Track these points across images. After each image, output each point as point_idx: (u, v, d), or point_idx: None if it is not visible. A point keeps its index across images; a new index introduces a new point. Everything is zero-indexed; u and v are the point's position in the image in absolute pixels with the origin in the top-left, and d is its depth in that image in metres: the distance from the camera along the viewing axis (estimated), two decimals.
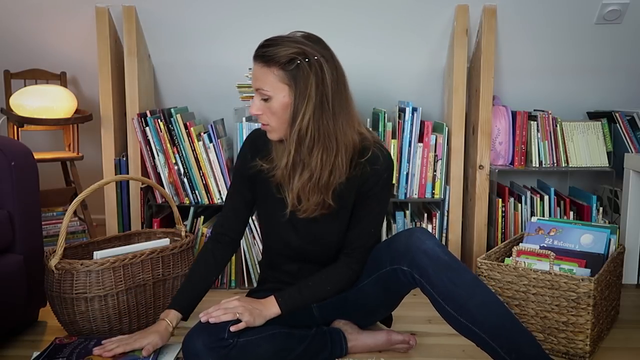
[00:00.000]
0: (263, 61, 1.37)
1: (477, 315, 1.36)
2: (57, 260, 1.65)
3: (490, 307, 1.37)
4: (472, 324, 1.36)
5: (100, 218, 2.37)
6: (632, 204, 2.14)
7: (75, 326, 1.69)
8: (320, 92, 1.37)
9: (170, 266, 1.81)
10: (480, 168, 2.25)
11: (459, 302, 1.37)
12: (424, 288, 1.42)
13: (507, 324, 1.36)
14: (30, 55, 2.44)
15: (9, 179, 1.66)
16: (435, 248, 1.42)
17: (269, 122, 1.42)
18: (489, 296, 1.39)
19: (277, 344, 1.46)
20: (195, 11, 2.28)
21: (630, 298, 2.08)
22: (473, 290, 1.38)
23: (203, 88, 2.50)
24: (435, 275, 1.39)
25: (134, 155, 2.26)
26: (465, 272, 1.41)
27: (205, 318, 1.40)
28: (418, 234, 1.46)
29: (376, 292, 1.55)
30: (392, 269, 1.47)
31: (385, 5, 2.25)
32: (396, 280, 1.48)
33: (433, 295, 1.40)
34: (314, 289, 1.51)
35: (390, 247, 1.49)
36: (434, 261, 1.40)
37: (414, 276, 1.42)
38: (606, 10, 2.24)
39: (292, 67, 1.35)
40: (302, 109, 1.36)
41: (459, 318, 1.37)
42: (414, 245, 1.43)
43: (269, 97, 1.39)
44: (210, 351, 1.37)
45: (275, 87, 1.37)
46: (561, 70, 2.47)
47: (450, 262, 1.41)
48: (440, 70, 2.42)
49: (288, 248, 1.57)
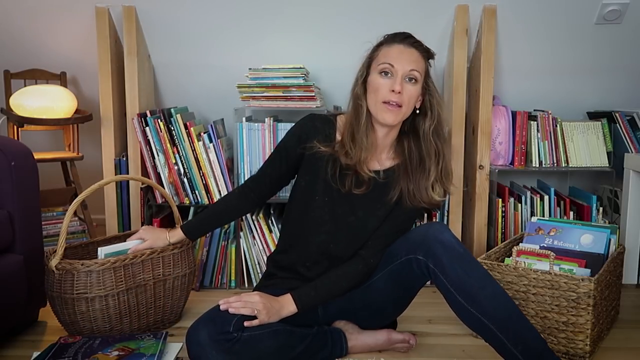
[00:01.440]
0: (417, 49, 1.51)
1: (487, 306, 1.39)
2: (58, 260, 1.65)
3: (500, 300, 1.41)
4: (482, 315, 1.39)
5: (100, 218, 2.37)
6: (632, 204, 2.14)
7: (75, 326, 1.69)
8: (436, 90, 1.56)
9: (170, 266, 1.81)
10: (480, 168, 2.25)
11: (470, 292, 1.40)
12: (437, 278, 1.44)
13: (514, 318, 1.40)
14: (30, 55, 2.44)
15: (9, 179, 1.66)
16: (451, 240, 1.46)
17: (402, 103, 1.48)
18: (498, 289, 1.42)
19: (280, 341, 1.48)
20: (195, 11, 2.28)
21: (630, 298, 2.08)
22: (484, 283, 1.42)
23: (203, 88, 2.50)
24: (449, 265, 1.42)
25: (134, 155, 2.26)
26: (478, 265, 1.45)
27: (225, 307, 1.45)
28: (437, 226, 1.51)
29: (387, 288, 1.56)
30: (407, 259, 1.49)
31: (385, 5, 2.25)
32: (409, 271, 1.50)
33: (445, 285, 1.42)
34: (330, 286, 1.53)
35: (407, 238, 1.53)
36: (449, 252, 1.44)
37: (429, 266, 1.45)
38: (606, 10, 2.24)
39: (429, 68, 1.54)
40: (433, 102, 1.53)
41: (470, 309, 1.40)
42: (432, 236, 1.47)
43: (417, 80, 1.49)
44: (214, 343, 1.39)
45: (421, 75, 1.51)
46: (561, 70, 2.47)
47: (464, 255, 1.45)
48: (440, 70, 2.41)
49: (316, 235, 1.58)
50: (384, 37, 1.54)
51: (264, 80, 2.17)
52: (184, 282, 1.86)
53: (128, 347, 1.58)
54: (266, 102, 2.18)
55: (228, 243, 2.21)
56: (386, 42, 1.52)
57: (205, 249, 2.20)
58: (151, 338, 1.64)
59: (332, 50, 2.36)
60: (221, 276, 2.22)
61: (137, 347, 1.59)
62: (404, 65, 1.47)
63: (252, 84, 2.18)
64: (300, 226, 1.62)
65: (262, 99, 2.18)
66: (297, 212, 1.64)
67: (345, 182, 1.54)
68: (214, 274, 2.22)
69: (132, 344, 1.60)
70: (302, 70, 2.17)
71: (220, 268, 2.22)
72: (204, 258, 2.20)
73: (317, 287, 1.52)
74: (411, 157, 1.55)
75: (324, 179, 1.56)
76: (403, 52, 1.49)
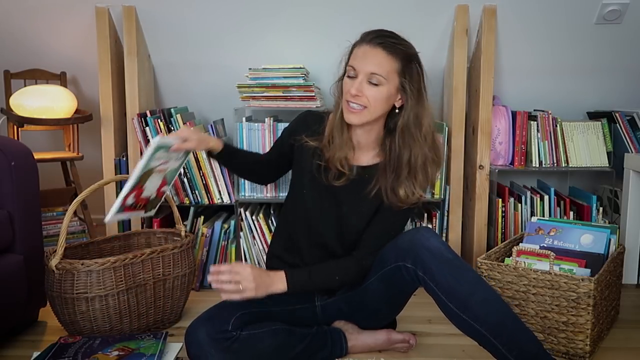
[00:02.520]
0: (386, 48, 1.45)
1: (479, 312, 1.37)
2: (58, 260, 1.65)
3: (492, 305, 1.39)
4: (474, 321, 1.37)
5: (100, 218, 2.36)
6: (632, 204, 2.14)
7: (75, 326, 1.69)
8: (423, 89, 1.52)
9: (170, 266, 1.81)
10: (480, 168, 2.25)
11: (461, 299, 1.38)
12: (427, 285, 1.43)
13: (508, 322, 1.38)
14: (30, 55, 2.44)
15: (9, 179, 1.66)
16: (439, 246, 1.44)
17: (367, 105, 1.47)
18: (491, 294, 1.41)
19: (279, 340, 1.48)
20: (195, 11, 2.28)
21: (630, 298, 2.08)
22: (475, 288, 1.40)
23: (203, 88, 2.50)
24: (438, 272, 1.41)
25: (134, 155, 2.26)
26: (467, 270, 1.43)
27: (212, 278, 1.41)
28: (423, 232, 1.49)
29: (380, 291, 1.55)
30: (397, 266, 1.48)
31: (385, 5, 2.25)
32: (400, 277, 1.49)
33: (436, 292, 1.41)
34: (323, 276, 1.52)
35: (396, 244, 1.51)
36: (437, 258, 1.42)
37: (418, 273, 1.43)
38: (606, 10, 2.24)
39: (409, 65, 1.48)
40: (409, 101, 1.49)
41: (462, 315, 1.38)
42: (418, 243, 1.45)
43: (380, 83, 1.46)
44: (213, 342, 1.39)
45: (390, 76, 1.46)
46: (561, 70, 2.47)
47: (453, 260, 1.43)
48: (440, 70, 2.42)
49: (307, 228, 1.60)
50: (360, 36, 1.52)
51: (264, 80, 2.17)
52: (184, 282, 1.86)
53: (128, 347, 1.58)
54: (266, 102, 2.18)
55: (228, 243, 2.22)
56: (358, 42, 1.51)
57: (205, 249, 2.20)
58: (151, 338, 1.65)
59: (332, 50, 2.34)
60: None
61: (137, 347, 1.59)
62: (365, 68, 1.46)
63: (252, 84, 2.18)
64: (293, 219, 1.64)
65: (262, 99, 2.18)
66: (289, 206, 1.68)
67: (328, 175, 1.55)
68: None
69: (132, 344, 1.60)
70: (302, 70, 2.17)
71: None
72: (204, 258, 2.20)
73: (311, 272, 1.51)
74: (391, 155, 1.54)
75: (309, 171, 1.59)
76: (367, 54, 1.47)
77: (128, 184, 1.51)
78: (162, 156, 1.54)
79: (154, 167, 1.55)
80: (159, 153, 1.52)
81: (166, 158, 1.56)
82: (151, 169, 1.54)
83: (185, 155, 1.65)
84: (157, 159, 1.53)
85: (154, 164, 1.54)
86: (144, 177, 1.54)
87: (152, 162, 1.52)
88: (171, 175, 1.67)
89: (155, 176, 1.59)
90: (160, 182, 1.64)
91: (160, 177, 1.62)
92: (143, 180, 1.55)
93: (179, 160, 1.65)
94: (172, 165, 1.63)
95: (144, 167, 1.51)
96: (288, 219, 1.68)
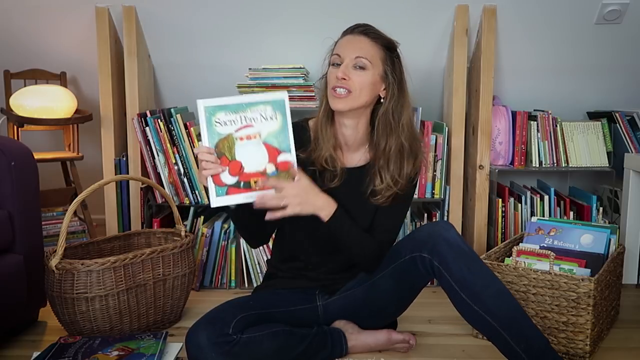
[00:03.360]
0: (368, 36, 1.48)
1: (491, 304, 1.39)
2: (58, 260, 1.65)
3: (504, 299, 1.41)
4: (485, 313, 1.39)
5: (100, 218, 2.37)
6: (632, 204, 2.14)
7: (75, 326, 1.69)
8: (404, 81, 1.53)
9: (170, 266, 1.81)
10: (480, 168, 2.25)
11: (474, 290, 1.40)
12: (441, 276, 1.44)
13: (518, 316, 1.40)
14: (30, 55, 2.44)
15: (9, 179, 1.66)
16: (457, 238, 1.46)
17: (352, 89, 1.46)
18: (502, 288, 1.43)
19: (279, 342, 1.48)
20: (195, 11, 2.28)
21: (630, 298, 2.08)
22: (489, 281, 1.42)
23: (203, 88, 2.50)
24: (454, 263, 1.42)
25: (134, 155, 2.26)
26: (482, 264, 1.45)
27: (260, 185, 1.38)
28: (442, 224, 1.51)
29: (389, 287, 1.56)
30: (411, 257, 1.49)
31: (385, 5, 2.25)
32: (413, 269, 1.49)
33: (449, 282, 1.42)
34: (356, 235, 1.51)
35: (412, 237, 1.53)
36: (454, 250, 1.44)
37: (433, 263, 1.44)
38: (606, 10, 2.24)
39: (392, 55, 1.50)
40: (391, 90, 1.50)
41: (473, 306, 1.40)
42: (437, 233, 1.47)
43: (366, 67, 1.46)
44: (213, 345, 1.39)
45: (375, 62, 1.47)
46: (561, 70, 2.47)
47: (469, 253, 1.45)
48: (440, 70, 2.42)
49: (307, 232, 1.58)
50: (342, 31, 1.54)
51: (264, 80, 2.17)
52: (184, 282, 1.86)
53: (128, 347, 1.58)
54: None
55: (228, 243, 2.21)
56: (341, 35, 1.53)
57: (205, 249, 2.20)
58: (151, 338, 1.65)
59: None
60: (221, 276, 2.22)
61: (137, 347, 1.59)
62: (349, 53, 1.47)
63: (252, 84, 2.18)
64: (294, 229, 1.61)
65: None
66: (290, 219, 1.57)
67: (324, 178, 1.53)
68: (214, 274, 2.22)
69: (132, 344, 1.60)
70: (302, 70, 2.17)
71: (220, 268, 2.22)
72: (204, 258, 2.20)
73: (351, 223, 1.50)
74: (377, 150, 1.54)
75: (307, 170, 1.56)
76: (351, 41, 1.49)
77: None
78: (229, 119, 1.34)
79: (230, 134, 1.35)
80: (220, 115, 1.32)
81: (240, 120, 1.34)
82: (228, 135, 1.34)
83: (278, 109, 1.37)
84: (224, 124, 1.33)
85: (226, 129, 1.34)
86: (224, 148, 1.35)
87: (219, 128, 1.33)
88: (277, 140, 1.38)
89: (246, 145, 1.36)
90: (264, 151, 1.38)
91: (257, 145, 1.37)
92: (229, 152, 1.35)
93: (273, 121, 1.38)
94: (264, 127, 1.37)
95: (209, 137, 1.33)
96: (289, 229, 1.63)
